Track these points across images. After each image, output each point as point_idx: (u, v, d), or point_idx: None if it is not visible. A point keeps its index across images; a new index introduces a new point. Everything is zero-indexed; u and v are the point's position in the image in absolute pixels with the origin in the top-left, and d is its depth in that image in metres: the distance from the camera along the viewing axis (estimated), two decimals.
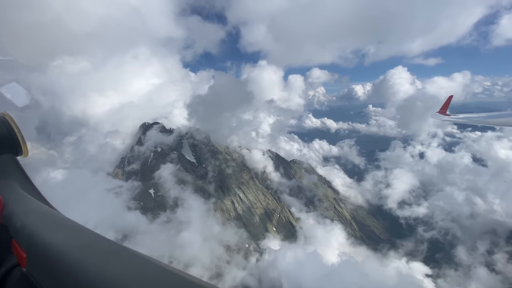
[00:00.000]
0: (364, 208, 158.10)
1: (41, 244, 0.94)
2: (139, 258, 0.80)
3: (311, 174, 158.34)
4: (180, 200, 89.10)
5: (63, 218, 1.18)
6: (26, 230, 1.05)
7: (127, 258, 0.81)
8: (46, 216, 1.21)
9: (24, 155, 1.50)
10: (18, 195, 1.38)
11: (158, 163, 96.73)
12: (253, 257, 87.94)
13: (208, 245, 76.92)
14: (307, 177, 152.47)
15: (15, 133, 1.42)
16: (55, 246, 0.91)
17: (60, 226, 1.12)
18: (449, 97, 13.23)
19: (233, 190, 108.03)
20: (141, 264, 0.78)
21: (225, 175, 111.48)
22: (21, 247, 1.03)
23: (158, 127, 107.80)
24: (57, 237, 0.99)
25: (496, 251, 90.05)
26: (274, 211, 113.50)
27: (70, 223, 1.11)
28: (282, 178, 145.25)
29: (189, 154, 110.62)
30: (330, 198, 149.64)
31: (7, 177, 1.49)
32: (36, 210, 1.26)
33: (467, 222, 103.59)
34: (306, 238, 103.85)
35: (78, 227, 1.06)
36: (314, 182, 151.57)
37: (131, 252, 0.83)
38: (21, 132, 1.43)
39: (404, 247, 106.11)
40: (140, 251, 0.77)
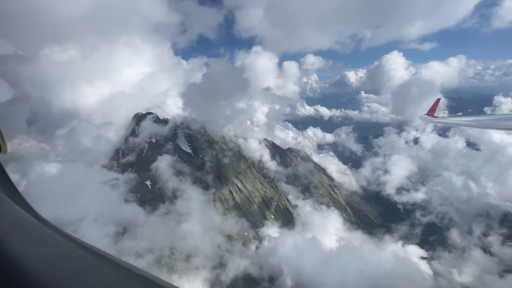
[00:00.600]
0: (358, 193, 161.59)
1: (6, 252, 0.86)
2: (117, 267, 0.75)
3: (307, 162, 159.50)
4: (178, 191, 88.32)
5: (37, 225, 1.07)
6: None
7: (97, 269, 0.75)
8: (17, 222, 1.10)
9: (3, 153, 1.42)
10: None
11: (154, 154, 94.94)
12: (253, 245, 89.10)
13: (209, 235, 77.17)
14: (303, 165, 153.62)
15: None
16: (21, 256, 0.83)
17: (31, 234, 1.02)
18: (436, 100, 13.49)
19: (231, 180, 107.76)
20: (119, 272, 0.73)
21: (222, 165, 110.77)
22: None
23: (151, 117, 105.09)
24: (26, 246, 0.91)
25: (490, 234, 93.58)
26: (272, 199, 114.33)
27: (42, 231, 1.01)
28: (279, 166, 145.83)
29: (185, 145, 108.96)
30: (326, 184, 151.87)
31: None
32: (7, 213, 1.16)
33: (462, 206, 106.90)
34: (303, 224, 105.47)
35: (51, 236, 0.96)
36: (309, 170, 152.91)
37: (108, 261, 0.78)
38: (0, 128, 1.34)
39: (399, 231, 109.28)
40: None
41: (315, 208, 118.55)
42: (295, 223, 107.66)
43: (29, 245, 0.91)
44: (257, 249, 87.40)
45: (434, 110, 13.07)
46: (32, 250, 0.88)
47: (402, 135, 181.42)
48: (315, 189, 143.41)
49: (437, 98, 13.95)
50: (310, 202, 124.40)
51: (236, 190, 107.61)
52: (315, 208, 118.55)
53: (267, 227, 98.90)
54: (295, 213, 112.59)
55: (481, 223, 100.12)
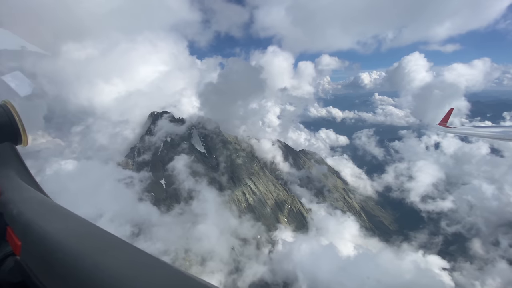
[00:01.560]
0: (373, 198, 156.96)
1: (37, 232, 0.93)
2: (135, 251, 0.80)
3: (321, 164, 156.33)
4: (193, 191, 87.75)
5: (60, 208, 1.17)
6: (22, 218, 1.04)
7: (123, 250, 0.81)
8: (43, 205, 1.20)
9: (23, 144, 1.49)
10: (15, 184, 1.38)
11: (169, 153, 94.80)
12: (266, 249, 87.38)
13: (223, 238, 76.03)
14: (316, 167, 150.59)
15: (16, 122, 1.41)
16: (51, 235, 0.90)
17: (57, 215, 1.12)
18: (449, 110, 13.39)
19: (244, 181, 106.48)
20: (136, 256, 0.77)
21: (236, 165, 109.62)
22: (16, 234, 1.02)
23: (167, 116, 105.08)
24: (53, 226, 0.98)
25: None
26: (285, 202, 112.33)
27: (66, 213, 1.10)
28: (292, 168, 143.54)
29: (199, 144, 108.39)
30: (340, 188, 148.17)
31: (5, 166, 1.50)
32: (33, 198, 1.26)
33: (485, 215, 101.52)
34: (318, 229, 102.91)
35: (75, 217, 1.06)
36: (323, 173, 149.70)
37: (127, 245, 0.83)
38: (22, 121, 1.42)
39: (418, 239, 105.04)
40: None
41: (329, 213, 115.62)
42: (308, 228, 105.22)
43: (58, 225, 1.00)
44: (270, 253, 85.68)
45: (447, 119, 12.93)
46: (61, 229, 0.96)
47: (422, 139, 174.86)
48: (329, 192, 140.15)
49: (451, 108, 13.78)
50: (324, 206, 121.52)
51: (249, 191, 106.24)
52: (329, 213, 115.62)
53: (280, 231, 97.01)
54: (308, 217, 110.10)
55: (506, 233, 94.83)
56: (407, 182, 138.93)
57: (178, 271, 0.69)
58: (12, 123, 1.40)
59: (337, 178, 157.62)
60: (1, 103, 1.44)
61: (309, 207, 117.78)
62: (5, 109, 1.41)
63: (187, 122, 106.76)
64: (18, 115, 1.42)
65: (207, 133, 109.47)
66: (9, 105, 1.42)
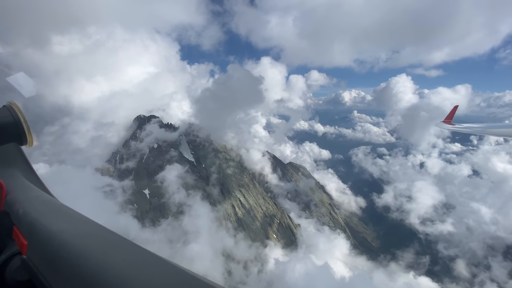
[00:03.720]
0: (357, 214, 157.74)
1: (43, 231, 0.95)
2: (139, 250, 0.80)
3: (308, 178, 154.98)
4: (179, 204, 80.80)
5: (65, 207, 1.19)
6: (28, 217, 1.06)
7: (128, 249, 0.82)
8: (48, 205, 1.23)
9: (29, 145, 1.52)
10: (21, 183, 1.42)
11: (156, 161, 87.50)
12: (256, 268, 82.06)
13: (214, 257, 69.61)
14: (304, 181, 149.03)
15: (21, 122, 1.43)
16: (57, 234, 0.91)
17: (62, 214, 1.13)
18: (454, 107, 13.34)
19: (233, 193, 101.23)
20: (141, 255, 0.78)
21: (225, 176, 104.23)
22: (22, 234, 1.04)
23: (155, 121, 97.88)
24: (59, 225, 1.00)
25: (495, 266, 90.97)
26: (274, 217, 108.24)
27: (72, 213, 1.12)
28: (280, 181, 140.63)
29: (188, 152, 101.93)
30: (326, 203, 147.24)
31: (11, 166, 1.57)
32: (39, 198, 1.29)
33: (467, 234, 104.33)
34: (307, 246, 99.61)
35: (79, 217, 1.07)
36: (310, 187, 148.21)
37: (131, 244, 0.84)
38: (27, 121, 1.45)
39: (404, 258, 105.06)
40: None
41: (318, 229, 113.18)
42: (298, 244, 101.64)
43: (64, 224, 1.02)
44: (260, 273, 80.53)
45: (451, 117, 12.82)
46: (67, 228, 0.98)
47: (408, 158, 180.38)
48: (315, 207, 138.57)
49: (455, 105, 13.72)
50: (313, 222, 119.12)
51: (238, 204, 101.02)
52: (318, 229, 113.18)
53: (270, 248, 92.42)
54: (298, 233, 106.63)
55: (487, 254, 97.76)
56: (406, 203, 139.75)
57: (182, 270, 0.70)
58: (18, 124, 1.42)
59: (323, 192, 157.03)
60: (6, 104, 1.46)
61: (298, 222, 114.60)
62: (11, 110, 1.43)
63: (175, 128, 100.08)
64: (23, 116, 1.44)
65: (198, 140, 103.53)
66: (15, 106, 1.44)
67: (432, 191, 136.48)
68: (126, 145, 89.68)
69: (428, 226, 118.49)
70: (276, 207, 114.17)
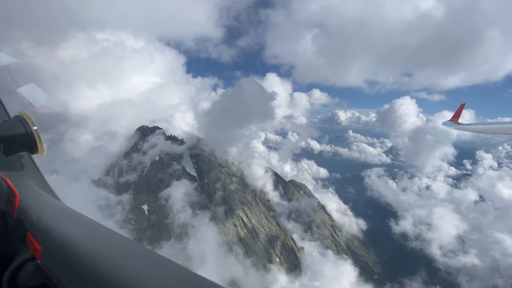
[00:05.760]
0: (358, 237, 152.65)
1: (56, 236, 0.98)
2: (150, 254, 0.82)
3: (310, 197, 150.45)
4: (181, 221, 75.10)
5: (76, 213, 1.24)
6: (42, 223, 1.10)
7: (139, 253, 0.84)
8: (60, 211, 1.28)
9: (39, 153, 1.57)
10: (33, 191, 1.48)
11: (157, 174, 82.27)
12: None
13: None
14: (306, 200, 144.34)
15: (32, 132, 1.49)
16: (70, 239, 0.94)
17: (74, 220, 1.18)
18: (461, 105, 13.15)
19: (236, 212, 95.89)
20: (153, 259, 0.79)
21: (228, 192, 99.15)
22: (36, 239, 1.08)
23: (159, 133, 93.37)
24: (72, 230, 1.03)
25: None
26: (277, 238, 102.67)
27: (83, 218, 1.17)
28: (282, 199, 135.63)
29: (190, 166, 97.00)
30: (327, 225, 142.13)
31: (23, 174, 1.64)
32: (51, 205, 1.35)
33: None
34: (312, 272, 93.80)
35: (91, 222, 1.11)
36: (312, 207, 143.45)
37: (143, 248, 0.86)
38: (38, 131, 1.51)
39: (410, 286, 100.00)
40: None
41: (322, 253, 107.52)
42: (302, 269, 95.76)
43: (76, 229, 1.05)
44: None
45: (458, 115, 12.64)
46: (79, 233, 1.01)
47: (414, 181, 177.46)
48: (317, 228, 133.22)
49: (462, 103, 13.39)
50: (316, 245, 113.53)
51: (240, 224, 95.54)
52: (322, 253, 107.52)
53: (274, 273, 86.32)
54: (301, 257, 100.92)
55: None
56: (412, 226, 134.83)
57: (193, 274, 0.71)
58: (29, 134, 1.47)
59: (324, 213, 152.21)
60: (18, 115, 1.52)
61: (301, 245, 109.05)
62: (22, 121, 1.48)
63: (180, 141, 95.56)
64: (34, 126, 1.50)
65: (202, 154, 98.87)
66: (26, 116, 1.49)
67: (452, 218, 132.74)
68: (127, 156, 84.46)
69: (437, 251, 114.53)
70: (279, 227, 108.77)
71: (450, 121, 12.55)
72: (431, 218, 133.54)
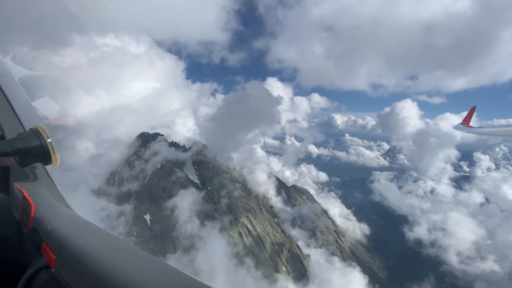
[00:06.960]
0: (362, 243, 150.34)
1: (70, 246, 1.01)
2: (163, 265, 0.84)
3: (313, 203, 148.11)
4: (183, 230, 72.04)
5: (89, 223, 1.26)
6: (56, 233, 1.13)
7: (152, 264, 0.85)
8: (74, 221, 1.32)
9: (53, 164, 1.62)
10: (47, 202, 1.52)
11: (160, 182, 79.26)
12: None
13: None
14: (308, 205, 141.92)
15: (47, 144, 1.54)
16: (84, 248, 0.97)
17: (88, 230, 1.21)
18: (471, 108, 12.94)
19: (240, 219, 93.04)
20: (166, 271, 0.81)
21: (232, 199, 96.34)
22: (51, 249, 1.12)
23: (160, 139, 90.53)
24: (85, 240, 1.06)
25: None
26: (283, 246, 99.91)
27: (96, 228, 1.19)
28: (285, 205, 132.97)
29: (192, 173, 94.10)
30: (331, 230, 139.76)
31: (38, 185, 1.68)
32: (64, 215, 1.39)
33: None
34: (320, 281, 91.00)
35: (103, 232, 1.14)
36: (315, 212, 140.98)
37: (155, 259, 0.87)
38: (52, 143, 1.55)
39: None
40: None
41: (328, 261, 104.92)
42: (309, 278, 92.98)
43: (89, 239, 1.09)
44: None
45: (469, 119, 12.34)
46: (92, 242, 1.04)
47: (418, 184, 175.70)
48: (321, 234, 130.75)
49: (473, 106, 13.09)
50: (322, 252, 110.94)
51: (245, 232, 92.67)
52: (328, 261, 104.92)
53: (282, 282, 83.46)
54: (308, 265, 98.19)
55: None
56: (421, 229, 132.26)
57: (202, 284, 0.73)
58: (44, 146, 1.52)
59: (327, 218, 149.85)
60: (33, 128, 1.57)
61: (306, 251, 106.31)
62: (37, 133, 1.53)
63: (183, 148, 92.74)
64: (49, 138, 1.54)
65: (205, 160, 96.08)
66: (40, 129, 1.54)
67: (468, 223, 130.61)
68: (127, 164, 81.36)
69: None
70: (284, 235, 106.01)
71: (461, 124, 12.23)
72: (444, 223, 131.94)
